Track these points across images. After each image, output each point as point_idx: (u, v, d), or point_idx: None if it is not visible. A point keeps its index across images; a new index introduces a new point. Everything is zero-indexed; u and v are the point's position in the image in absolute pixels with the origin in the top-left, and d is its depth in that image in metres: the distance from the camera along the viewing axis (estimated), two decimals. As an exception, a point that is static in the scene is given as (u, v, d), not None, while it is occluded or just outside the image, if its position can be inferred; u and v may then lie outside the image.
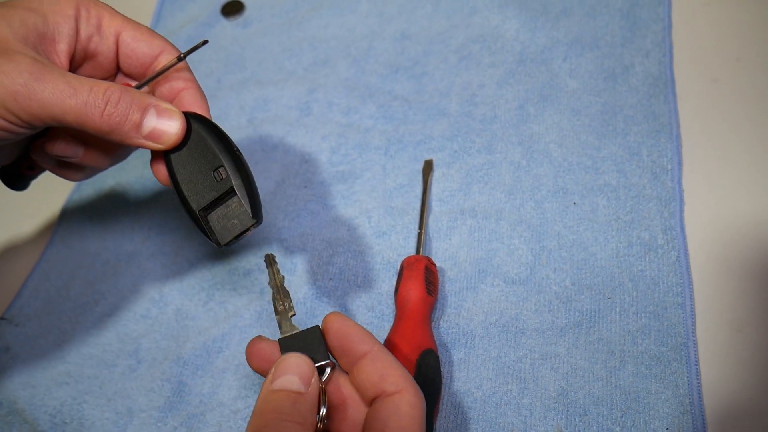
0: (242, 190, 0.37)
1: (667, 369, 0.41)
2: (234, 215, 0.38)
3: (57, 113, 0.34)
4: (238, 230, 0.37)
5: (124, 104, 0.35)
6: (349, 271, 0.50)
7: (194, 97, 0.40)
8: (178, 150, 0.38)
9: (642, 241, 0.46)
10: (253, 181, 0.38)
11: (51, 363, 0.51)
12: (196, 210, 0.38)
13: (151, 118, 0.36)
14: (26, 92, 0.33)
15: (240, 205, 0.37)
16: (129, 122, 0.36)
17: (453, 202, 0.52)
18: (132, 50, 0.39)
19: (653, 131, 0.51)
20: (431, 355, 0.42)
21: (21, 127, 0.35)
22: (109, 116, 0.35)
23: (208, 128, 0.38)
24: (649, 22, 0.57)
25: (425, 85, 0.59)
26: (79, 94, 0.34)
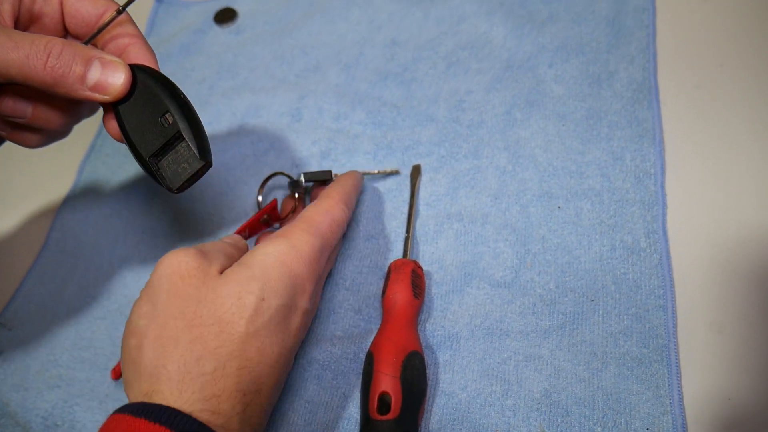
0: (189, 133, 0.38)
1: (648, 370, 0.42)
2: (183, 159, 0.38)
3: (0, 67, 0.35)
4: (188, 173, 0.38)
5: (67, 56, 0.36)
6: (337, 274, 0.50)
7: (140, 50, 0.41)
8: (125, 101, 0.39)
9: (625, 245, 0.47)
10: (200, 123, 0.39)
11: (43, 366, 0.52)
12: (145, 157, 0.39)
13: (95, 70, 0.37)
14: None
15: (188, 148, 0.38)
16: (73, 74, 0.36)
17: (440, 207, 0.52)
18: (76, 10, 0.40)
19: (637, 136, 0.51)
20: (417, 357, 0.43)
21: None
22: (51, 68, 0.35)
23: (153, 78, 0.39)
24: (634, 29, 0.57)
25: (414, 92, 0.60)
26: (21, 47, 0.35)
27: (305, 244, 0.40)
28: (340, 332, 0.48)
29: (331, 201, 0.45)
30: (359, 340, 0.47)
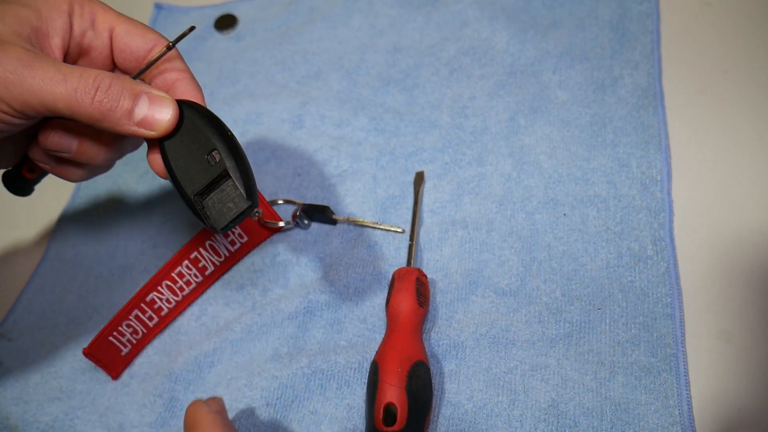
0: (236, 172, 0.37)
1: (656, 380, 0.41)
2: (229, 199, 0.37)
3: (48, 100, 0.34)
4: (234, 213, 0.37)
5: (115, 90, 0.35)
6: (341, 283, 0.50)
7: (188, 85, 0.40)
8: (171, 137, 0.38)
9: (632, 252, 0.47)
10: (247, 163, 0.38)
11: (43, 378, 0.51)
12: (190, 195, 0.37)
13: (143, 105, 0.36)
14: (17, 79, 0.33)
15: (234, 188, 0.37)
16: (120, 109, 0.35)
17: (444, 214, 0.52)
18: (126, 44, 0.39)
19: (642, 142, 0.51)
20: (422, 367, 0.42)
21: (14, 117, 0.35)
22: (99, 102, 0.35)
23: (200, 114, 0.38)
24: (638, 34, 0.57)
25: (416, 98, 0.59)
26: (69, 81, 0.34)
27: None
28: (344, 342, 0.47)
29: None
30: (363, 349, 0.46)
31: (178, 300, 0.52)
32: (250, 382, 0.47)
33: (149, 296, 0.50)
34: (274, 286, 0.52)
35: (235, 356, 0.49)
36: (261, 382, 0.47)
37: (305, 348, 0.48)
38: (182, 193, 0.38)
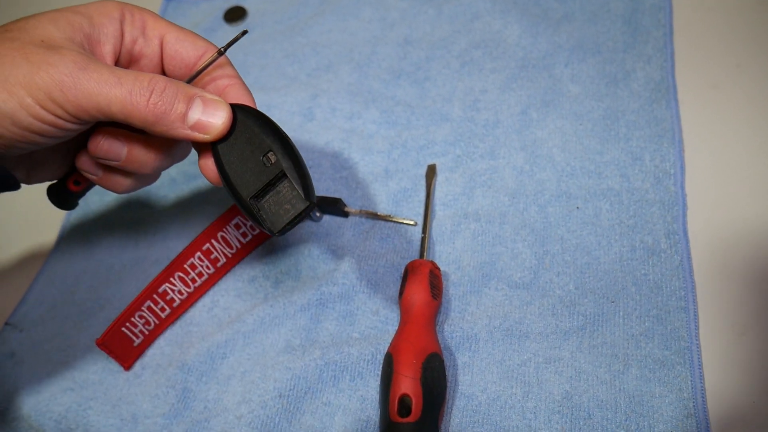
0: (293, 172, 0.36)
1: (670, 373, 0.41)
2: (286, 200, 0.36)
3: (102, 103, 0.34)
4: (291, 215, 0.36)
5: (170, 93, 0.35)
6: (353, 275, 0.50)
7: (239, 91, 0.40)
8: (224, 141, 0.37)
9: (645, 246, 0.47)
10: (303, 163, 0.37)
11: (55, 368, 0.51)
12: (246, 198, 0.36)
13: (197, 109, 0.36)
14: (72, 82, 0.33)
15: (291, 188, 0.36)
16: (174, 112, 0.35)
17: (456, 206, 0.52)
18: (176, 51, 0.39)
19: (655, 136, 0.51)
20: (436, 359, 0.42)
21: (69, 122, 0.35)
22: (154, 105, 0.34)
23: (254, 116, 0.37)
24: (651, 28, 0.57)
25: (428, 90, 0.59)
26: (124, 83, 0.34)
27: None
28: (357, 334, 0.48)
29: None
30: (376, 341, 0.46)
31: (190, 291, 0.52)
32: (263, 373, 0.47)
33: (161, 287, 0.50)
34: (287, 278, 0.52)
35: (248, 348, 0.49)
36: (274, 373, 0.47)
37: (318, 340, 0.48)
38: (237, 197, 0.37)
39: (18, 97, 0.33)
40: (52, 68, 0.33)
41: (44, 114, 0.34)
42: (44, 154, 0.41)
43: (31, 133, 0.35)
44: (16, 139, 0.35)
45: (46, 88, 0.33)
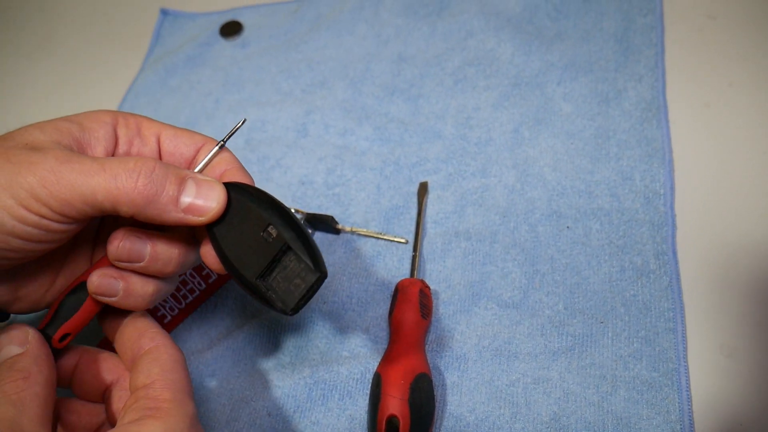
0: (297, 243, 0.33)
1: (658, 394, 0.42)
2: (294, 274, 0.34)
3: (87, 193, 0.32)
4: (303, 289, 0.33)
5: (159, 175, 0.33)
6: (344, 293, 0.50)
7: (237, 176, 0.38)
8: (220, 222, 0.35)
9: (634, 266, 0.47)
10: (307, 232, 0.35)
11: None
12: (252, 279, 0.34)
13: (190, 190, 0.34)
14: (54, 177, 0.32)
15: (299, 260, 0.33)
16: (166, 194, 0.33)
17: (447, 225, 0.52)
18: (175, 146, 0.38)
19: (646, 156, 0.51)
20: (425, 379, 0.42)
21: (55, 221, 0.33)
22: (143, 187, 0.33)
23: (249, 193, 0.35)
24: (642, 47, 0.57)
25: (421, 108, 0.60)
26: (108, 169, 0.32)
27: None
28: (347, 352, 0.48)
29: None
30: (366, 360, 0.46)
31: (180, 308, 0.52)
32: (253, 392, 0.47)
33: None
34: (277, 295, 0.52)
35: (237, 365, 0.49)
36: (263, 391, 0.47)
37: (307, 358, 0.48)
38: (242, 280, 0.34)
39: (3, 203, 0.32)
40: (34, 166, 0.32)
41: (27, 215, 0.32)
42: (32, 270, 0.38)
43: (15, 237, 0.32)
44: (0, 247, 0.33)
45: (29, 187, 0.32)
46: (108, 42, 0.78)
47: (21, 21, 0.84)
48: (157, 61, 0.72)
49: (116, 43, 0.78)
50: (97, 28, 0.80)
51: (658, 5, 0.60)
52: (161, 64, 0.71)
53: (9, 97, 0.75)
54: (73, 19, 0.82)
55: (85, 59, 0.77)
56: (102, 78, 0.74)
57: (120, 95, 0.71)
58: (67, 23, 0.82)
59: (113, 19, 0.80)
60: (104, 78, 0.74)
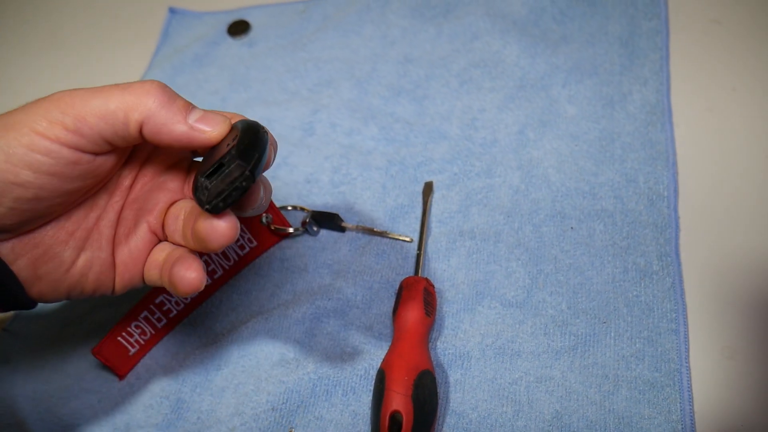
0: (241, 148, 0.33)
1: (660, 394, 0.42)
2: (232, 177, 0.33)
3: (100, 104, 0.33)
4: (226, 186, 0.33)
5: (170, 90, 0.35)
6: (349, 290, 0.50)
7: None
8: None
9: (637, 267, 0.47)
10: (260, 142, 0.34)
11: (51, 376, 0.52)
12: (197, 176, 0.34)
13: (196, 113, 0.35)
14: (69, 97, 0.33)
15: (238, 165, 0.33)
16: (176, 104, 0.34)
17: (452, 224, 0.52)
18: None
19: (650, 158, 0.52)
20: (428, 376, 0.43)
21: (68, 146, 0.33)
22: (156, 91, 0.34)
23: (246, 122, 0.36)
24: (647, 51, 0.58)
25: (427, 108, 0.60)
26: (123, 86, 0.34)
27: None
28: (351, 349, 0.48)
29: None
30: (370, 357, 0.47)
31: (186, 302, 0.52)
32: (256, 386, 0.47)
33: (158, 298, 0.50)
34: (282, 292, 0.52)
35: (242, 360, 0.49)
36: (267, 386, 0.47)
37: (312, 354, 0.48)
38: (194, 179, 0.35)
39: (13, 133, 0.32)
40: (51, 97, 0.33)
41: (39, 140, 0.32)
42: (51, 241, 0.37)
43: (26, 169, 0.33)
44: (10, 181, 0.32)
45: (43, 111, 0.33)
46: (116, 39, 0.79)
47: (30, 17, 0.85)
48: (165, 59, 0.72)
49: (124, 40, 0.78)
50: (106, 26, 0.81)
51: (663, 10, 0.60)
52: (169, 62, 0.72)
53: (17, 93, 0.76)
54: (81, 16, 0.83)
55: (93, 56, 0.78)
56: (109, 75, 0.75)
57: (127, 92, 0.71)
58: (75, 20, 0.83)
59: (121, 17, 0.81)
60: (112, 75, 0.74)
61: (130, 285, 0.41)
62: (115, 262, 0.41)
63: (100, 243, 0.40)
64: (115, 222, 0.40)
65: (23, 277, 0.36)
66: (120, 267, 0.41)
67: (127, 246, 0.41)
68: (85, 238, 0.39)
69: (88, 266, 0.39)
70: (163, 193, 0.41)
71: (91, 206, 0.39)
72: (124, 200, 0.41)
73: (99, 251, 0.40)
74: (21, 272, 0.36)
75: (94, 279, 0.40)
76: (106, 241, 0.40)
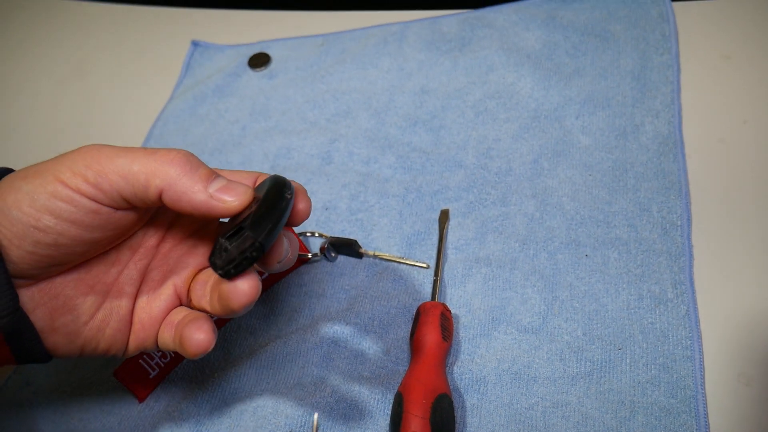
0: (256, 217, 0.34)
1: (676, 421, 0.42)
2: (246, 244, 0.34)
3: (124, 165, 0.34)
4: (238, 254, 0.34)
5: (195, 158, 0.36)
6: (366, 315, 0.51)
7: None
8: None
9: (652, 295, 0.48)
10: (278, 211, 0.35)
11: (72, 398, 0.52)
12: (217, 237, 0.35)
13: (219, 183, 0.36)
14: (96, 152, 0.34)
15: (248, 237, 0.33)
16: (198, 173, 0.35)
17: (468, 251, 0.53)
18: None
19: (663, 188, 0.52)
20: (446, 400, 0.43)
21: (88, 198, 0.34)
22: (179, 160, 0.35)
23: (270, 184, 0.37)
24: (659, 84, 0.59)
25: (443, 138, 0.61)
26: (149, 151, 0.35)
27: None
28: (368, 373, 0.48)
29: None
30: (387, 381, 0.47)
31: (206, 326, 0.53)
32: (275, 409, 0.48)
33: (179, 321, 0.51)
34: (300, 316, 0.53)
35: (260, 383, 0.50)
36: (285, 409, 0.47)
37: (329, 377, 0.49)
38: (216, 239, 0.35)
39: (39, 180, 0.34)
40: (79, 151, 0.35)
41: (61, 188, 0.34)
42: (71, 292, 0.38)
43: (47, 214, 0.33)
44: (32, 225, 0.33)
45: (70, 163, 0.34)
46: (140, 71, 0.81)
47: (55, 47, 0.88)
48: (187, 91, 0.74)
49: (148, 72, 0.80)
50: (130, 57, 0.83)
51: (674, 45, 0.62)
52: (190, 93, 0.74)
53: (40, 124, 0.78)
54: (107, 48, 0.86)
55: (117, 86, 0.80)
56: (132, 106, 0.77)
57: (149, 122, 0.73)
58: (102, 52, 0.85)
59: (146, 49, 0.83)
60: (134, 106, 0.77)
61: (143, 346, 0.41)
62: (133, 320, 0.41)
63: (120, 299, 0.40)
64: (138, 280, 0.41)
65: (39, 328, 0.36)
66: (137, 325, 0.41)
67: (149, 305, 0.41)
68: (105, 292, 0.39)
69: (105, 322, 0.39)
70: (192, 257, 0.42)
71: (114, 261, 0.40)
72: (149, 259, 0.41)
73: (118, 308, 0.40)
74: (38, 322, 0.36)
75: (110, 335, 0.40)
76: (127, 298, 0.40)
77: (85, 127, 0.76)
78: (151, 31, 0.86)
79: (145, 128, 0.73)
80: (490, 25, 0.69)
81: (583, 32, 0.65)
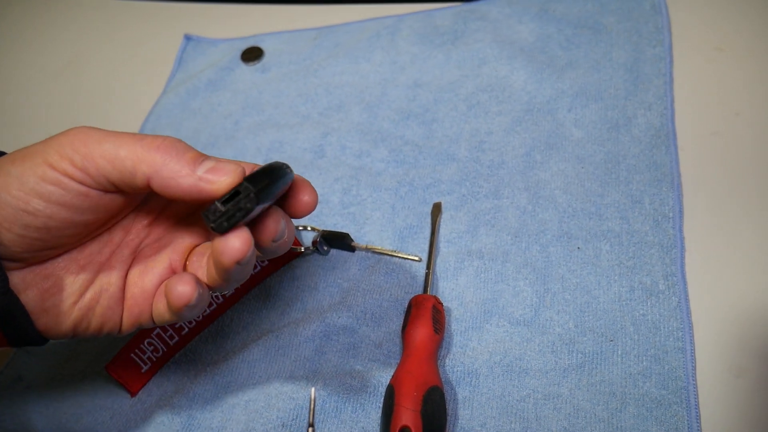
0: (254, 173, 0.33)
1: (667, 412, 0.42)
2: (238, 198, 0.33)
3: (111, 149, 0.34)
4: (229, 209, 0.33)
5: (183, 144, 0.35)
6: (358, 308, 0.51)
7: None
8: None
9: (644, 286, 0.48)
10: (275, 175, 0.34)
11: (64, 393, 0.52)
12: (213, 202, 0.33)
13: (208, 164, 0.35)
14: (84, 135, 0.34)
15: (245, 188, 0.33)
16: (185, 156, 0.34)
17: (460, 244, 0.53)
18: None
19: (655, 180, 0.52)
20: (437, 392, 0.43)
21: (76, 181, 0.34)
22: (166, 146, 0.34)
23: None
24: (652, 76, 0.59)
25: (435, 132, 0.61)
26: (137, 136, 0.35)
27: None
28: (360, 366, 0.48)
29: None
30: (379, 374, 0.47)
31: (198, 320, 0.53)
32: (267, 403, 0.48)
33: (171, 315, 0.51)
34: (292, 310, 0.53)
35: (252, 377, 0.50)
36: (277, 403, 0.47)
37: (321, 371, 0.49)
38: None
39: (29, 163, 0.34)
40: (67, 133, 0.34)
41: (49, 171, 0.33)
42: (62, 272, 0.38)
43: (36, 198, 0.33)
44: (21, 208, 0.33)
45: (57, 146, 0.34)
46: (133, 65, 0.81)
47: (47, 41, 0.87)
48: (179, 85, 0.74)
49: (141, 65, 0.80)
50: (123, 52, 0.83)
51: (667, 37, 0.62)
52: (183, 87, 0.73)
53: (33, 118, 0.78)
54: (101, 42, 0.85)
55: (109, 81, 0.80)
56: (125, 100, 0.77)
57: (142, 117, 0.73)
58: (95, 46, 0.85)
59: (138, 43, 0.83)
60: (127, 100, 0.76)
61: (138, 322, 0.40)
62: (125, 296, 0.40)
63: (110, 277, 0.39)
64: (130, 258, 0.40)
65: (30, 309, 0.36)
66: (129, 301, 0.40)
67: (141, 280, 0.40)
68: (95, 271, 0.39)
69: (95, 299, 0.39)
70: (188, 233, 0.41)
71: (106, 242, 0.39)
72: (141, 239, 0.41)
73: (108, 285, 0.39)
74: (28, 303, 0.36)
75: (101, 314, 0.39)
76: (118, 275, 0.40)
77: (77, 121, 0.75)
78: (144, 25, 0.85)
79: (138, 122, 0.72)
80: (483, 18, 0.69)
81: (576, 25, 0.65)
